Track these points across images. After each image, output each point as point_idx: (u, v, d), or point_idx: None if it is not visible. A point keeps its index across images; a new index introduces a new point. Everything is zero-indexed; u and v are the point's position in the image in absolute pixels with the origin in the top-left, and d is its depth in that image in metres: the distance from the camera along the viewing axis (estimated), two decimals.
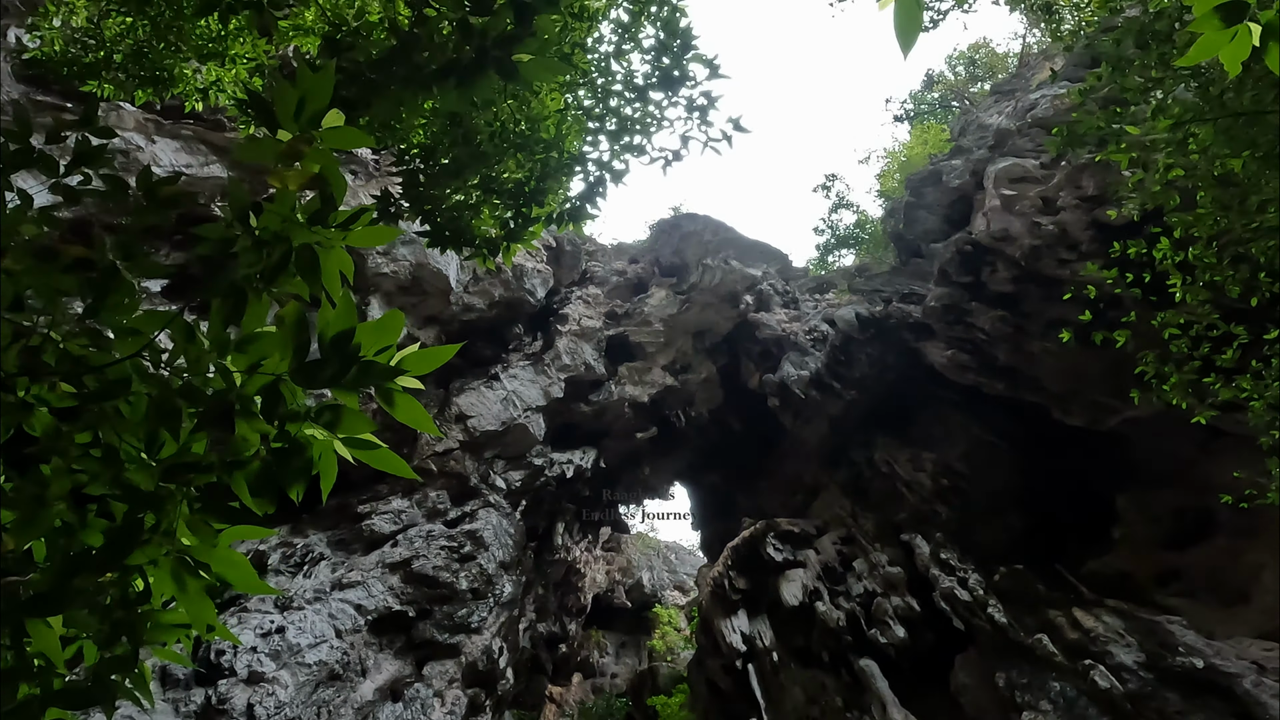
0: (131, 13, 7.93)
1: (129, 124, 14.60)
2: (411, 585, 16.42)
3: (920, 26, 1.95)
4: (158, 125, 15.03)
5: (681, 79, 6.59)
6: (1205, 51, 1.95)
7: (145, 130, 14.78)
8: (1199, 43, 1.95)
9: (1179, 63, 2.40)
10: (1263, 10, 1.92)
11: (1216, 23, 1.91)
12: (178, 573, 2.06)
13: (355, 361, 2.02)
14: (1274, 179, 5.32)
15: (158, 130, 15.05)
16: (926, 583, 15.55)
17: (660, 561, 31.96)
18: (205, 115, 15.18)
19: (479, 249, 6.90)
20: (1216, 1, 1.90)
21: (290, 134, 2.15)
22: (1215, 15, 1.90)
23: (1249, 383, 6.29)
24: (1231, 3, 1.89)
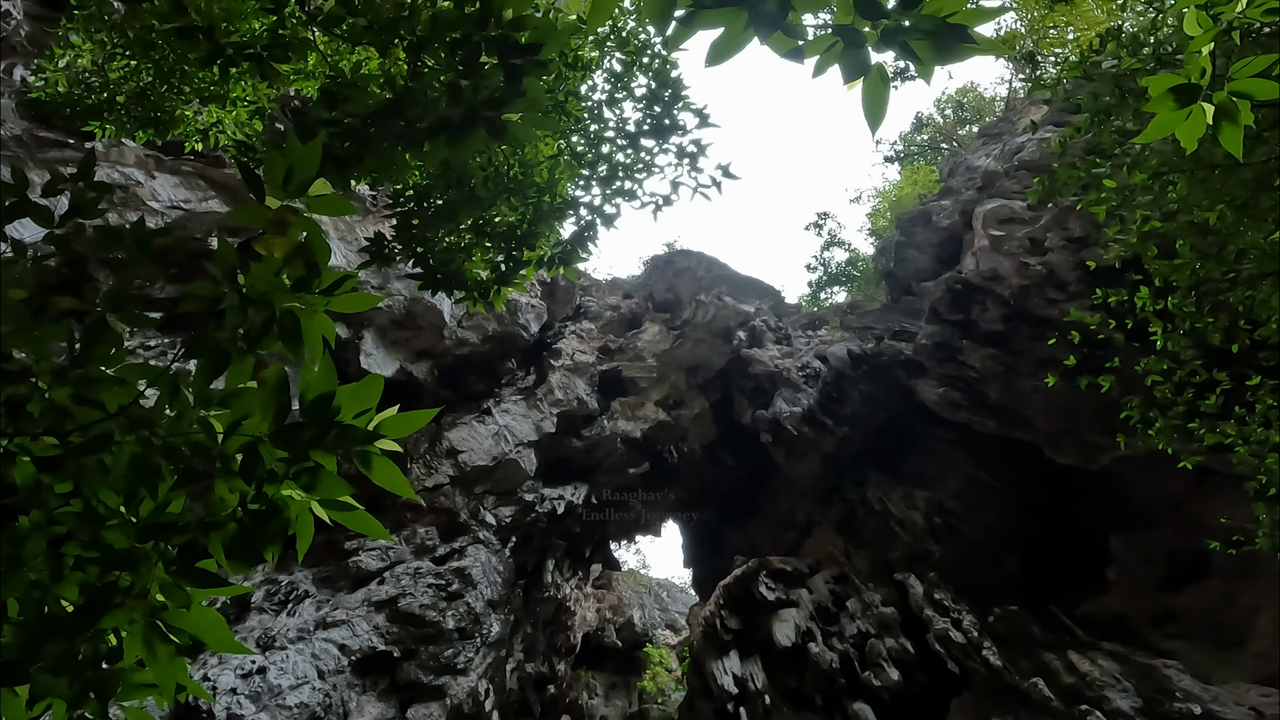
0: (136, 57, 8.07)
1: (129, 159, 14.75)
2: (397, 624, 16.14)
3: (887, 106, 2.02)
4: (158, 161, 15.19)
5: (672, 127, 6.74)
6: (1162, 130, 2.03)
7: (145, 166, 14.93)
8: (1155, 121, 2.03)
9: (1137, 140, 2.48)
10: (1215, 92, 2.00)
11: (1171, 103, 1.99)
12: (149, 638, 2.04)
13: (334, 425, 2.04)
14: (1250, 228, 5.44)
15: (158, 166, 15.20)
16: (920, 623, 15.38)
17: (652, 599, 31.50)
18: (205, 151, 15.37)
19: (470, 292, 6.96)
20: (1171, 83, 1.98)
21: (278, 201, 2.20)
22: (1170, 96, 1.98)
23: (1233, 428, 6.35)
24: (1184, 85, 1.97)
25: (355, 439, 2.04)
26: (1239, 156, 2.08)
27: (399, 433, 2.14)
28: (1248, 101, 1.98)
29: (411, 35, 4.18)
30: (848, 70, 1.96)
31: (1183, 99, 1.98)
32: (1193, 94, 1.97)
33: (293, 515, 2.18)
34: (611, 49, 7.29)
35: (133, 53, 8.14)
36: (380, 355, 19.32)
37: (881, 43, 1.99)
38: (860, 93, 2.02)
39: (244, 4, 5.72)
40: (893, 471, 18.53)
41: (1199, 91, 1.98)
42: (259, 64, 5.35)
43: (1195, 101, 1.98)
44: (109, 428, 2.53)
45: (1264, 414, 6.20)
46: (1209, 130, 2.06)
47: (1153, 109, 1.99)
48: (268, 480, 2.15)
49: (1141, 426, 6.82)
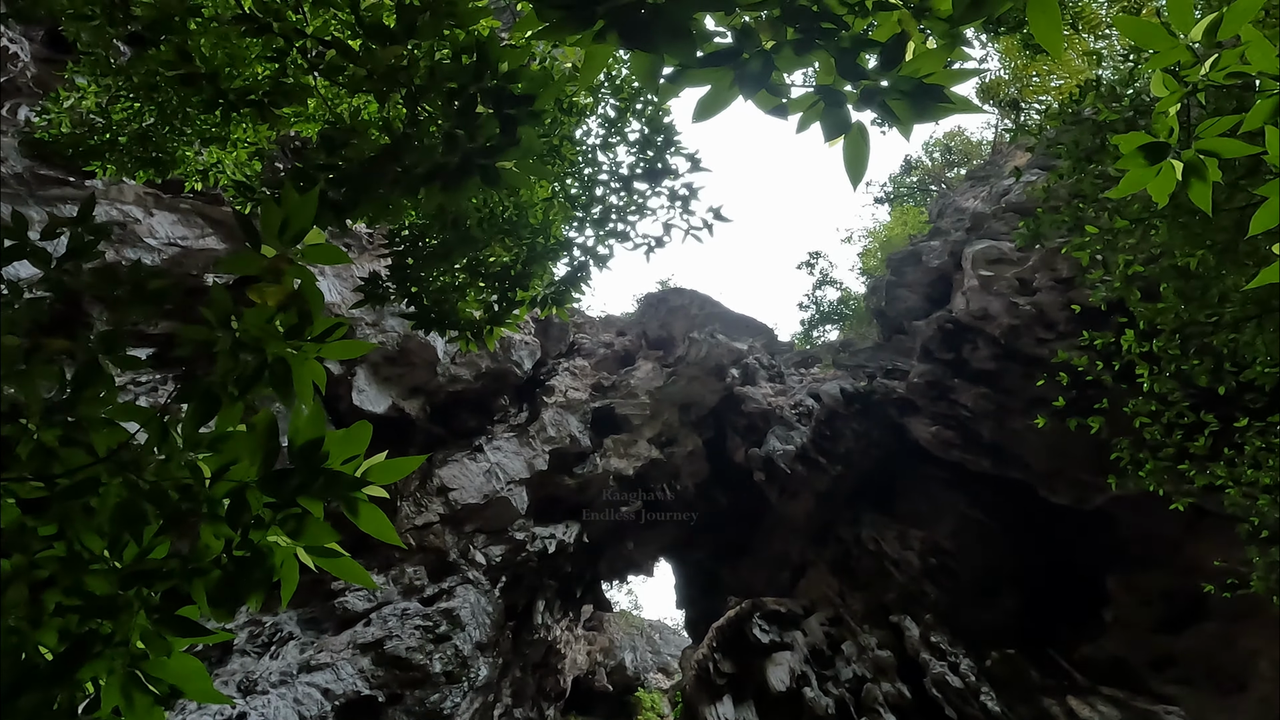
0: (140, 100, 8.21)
1: (128, 197, 14.88)
2: (383, 668, 15.78)
3: (867, 161, 2.08)
4: (156, 199, 15.33)
5: (664, 171, 6.87)
6: (1133, 186, 2.10)
7: (144, 203, 15.07)
8: (1126, 178, 2.10)
9: (1111, 195, 2.56)
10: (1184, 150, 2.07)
11: (1142, 160, 2.06)
12: (127, 687, 2.01)
13: (322, 472, 2.05)
14: (1231, 272, 5.55)
15: (156, 203, 15.34)
16: (917, 667, 15.14)
17: (644, 641, 30.90)
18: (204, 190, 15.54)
19: (463, 331, 6.99)
20: (1141, 141, 2.05)
21: (273, 250, 2.24)
22: (1140, 154, 2.06)
23: (1223, 470, 6.38)
24: (1154, 144, 2.04)
25: (343, 486, 2.05)
26: (1208, 212, 2.15)
27: (387, 479, 2.14)
28: (1215, 159, 2.05)
29: (410, 84, 4.29)
30: (829, 128, 2.03)
31: (1152, 156, 2.05)
32: (1162, 152, 2.05)
33: (278, 562, 2.17)
34: (605, 95, 7.47)
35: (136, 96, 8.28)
36: (372, 392, 19.26)
37: (861, 102, 2.07)
38: (841, 148, 2.09)
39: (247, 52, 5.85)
40: (887, 510, 18.43)
41: (1168, 150, 2.05)
42: (260, 109, 5.46)
43: (1165, 159, 2.05)
44: (96, 471, 2.52)
45: (1253, 455, 6.24)
46: (1180, 187, 2.14)
47: (1124, 166, 2.06)
48: (254, 526, 2.14)
49: (1132, 468, 6.85)
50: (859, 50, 2.15)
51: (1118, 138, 2.06)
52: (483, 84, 3.58)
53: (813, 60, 2.28)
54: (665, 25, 2.02)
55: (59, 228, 3.88)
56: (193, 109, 8.19)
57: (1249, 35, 1.99)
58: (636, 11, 2.02)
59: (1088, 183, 5.46)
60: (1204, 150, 2.04)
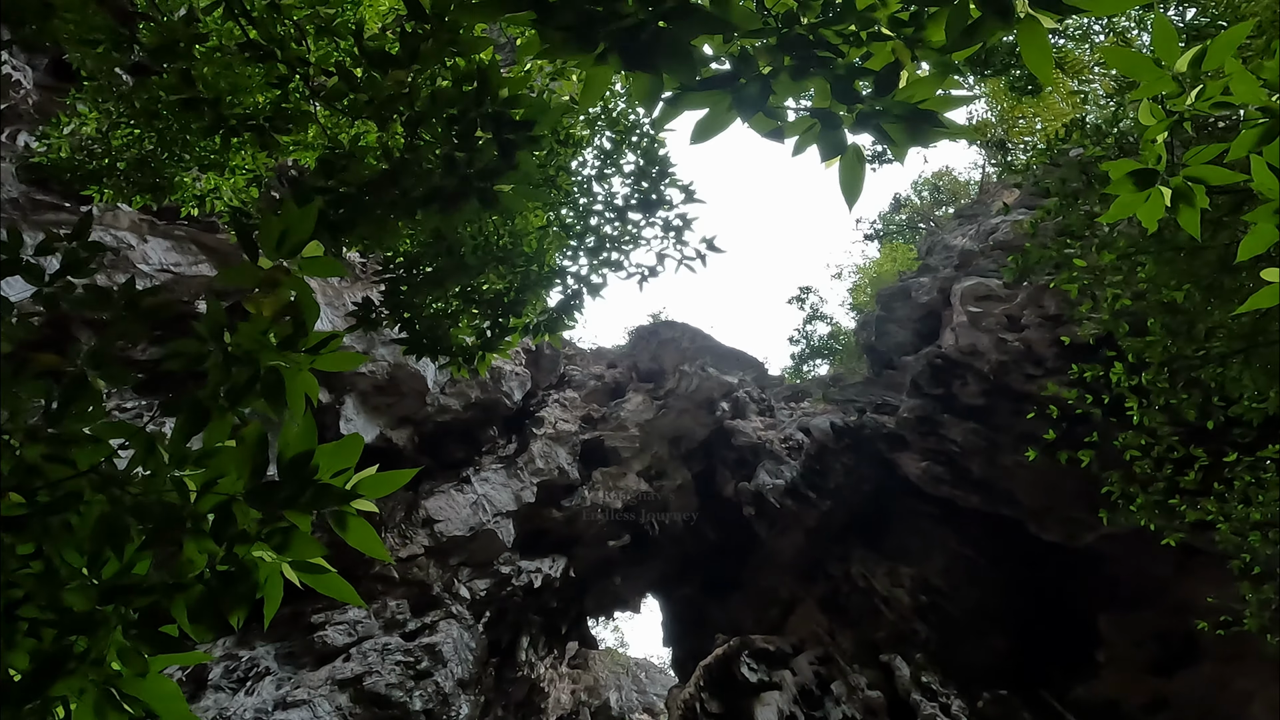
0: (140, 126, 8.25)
1: (123, 223, 14.87)
2: (361, 705, 15.35)
3: (863, 183, 2.12)
4: (151, 225, 15.31)
5: (659, 202, 6.96)
6: (1124, 211, 2.14)
7: (138, 230, 15.05)
8: (1116, 203, 2.14)
9: (1102, 219, 2.62)
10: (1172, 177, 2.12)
11: (1131, 186, 2.10)
12: (100, 706, 1.94)
13: (311, 484, 2.01)
14: (1217, 308, 5.64)
15: (151, 230, 15.32)
16: (908, 708, 14.88)
17: (629, 680, 30.24)
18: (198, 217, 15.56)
19: (455, 357, 6.98)
20: (1131, 168, 2.10)
21: (271, 262, 2.24)
22: (1130, 180, 2.10)
23: (1214, 505, 6.39)
24: (1143, 170, 2.09)
25: (332, 498, 2.01)
26: (1197, 237, 2.19)
27: (377, 493, 2.11)
28: (1202, 186, 2.10)
29: (410, 110, 4.35)
30: (825, 149, 2.07)
31: (1142, 183, 2.10)
32: (1151, 178, 2.09)
33: (262, 577, 2.12)
34: (602, 128, 7.59)
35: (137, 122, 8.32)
36: (361, 420, 19.09)
37: (857, 125, 2.11)
38: (837, 171, 2.12)
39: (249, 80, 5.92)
40: (876, 547, 18.30)
41: (1156, 176, 2.10)
42: (261, 134, 5.50)
43: (1154, 185, 2.10)
44: (79, 485, 2.47)
45: (1243, 491, 6.26)
46: (1169, 213, 2.18)
47: (1114, 191, 2.11)
48: (239, 541, 2.09)
49: (1123, 502, 6.85)
50: (854, 78, 2.20)
51: (1108, 164, 2.10)
52: (483, 109, 3.63)
53: (809, 86, 2.33)
54: (666, 48, 2.06)
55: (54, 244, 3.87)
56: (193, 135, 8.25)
57: (1232, 68, 2.05)
58: (638, 35, 2.07)
59: (1075, 217, 5.57)
60: (1191, 177, 2.09)
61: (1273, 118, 2.03)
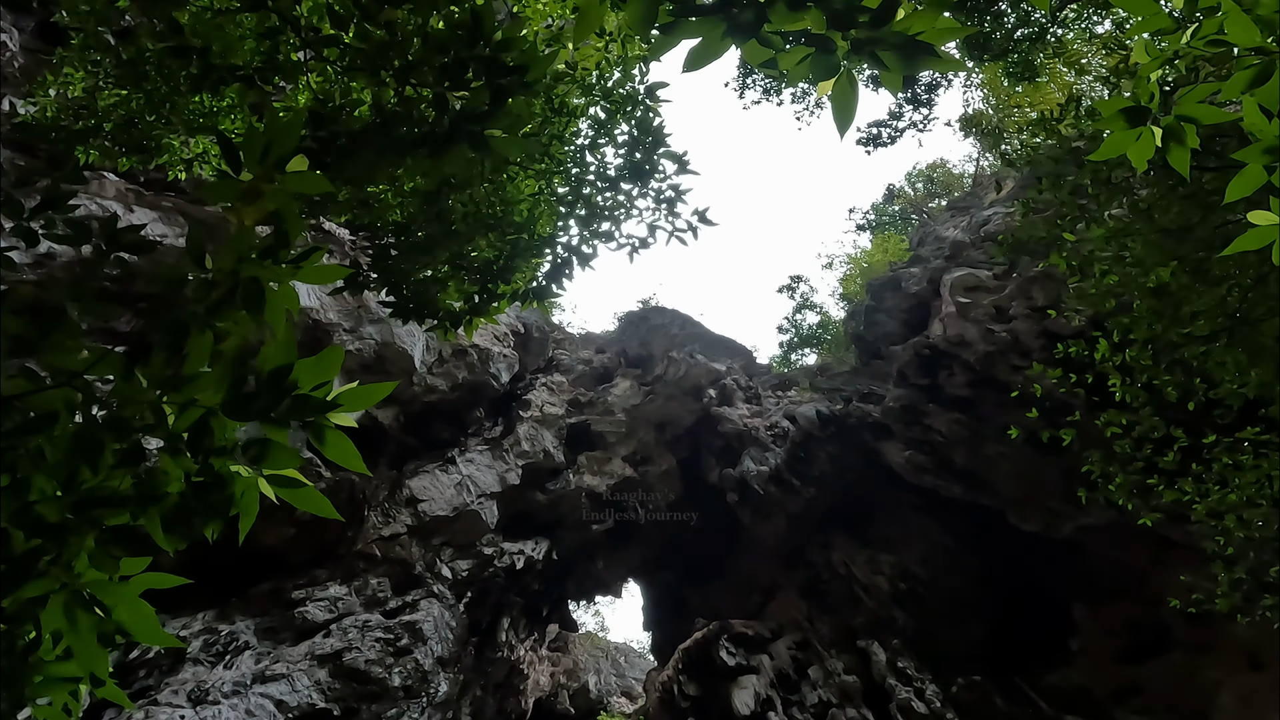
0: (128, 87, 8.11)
1: (109, 193, 14.63)
2: (340, 680, 15.31)
3: (854, 111, 2.11)
4: (138, 195, 15.07)
5: (651, 171, 6.91)
6: (1114, 149, 2.14)
7: (125, 199, 14.81)
8: (1108, 141, 2.14)
9: (1092, 158, 2.62)
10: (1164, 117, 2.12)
11: (1122, 124, 2.10)
12: (70, 607, 1.91)
13: (289, 394, 1.98)
14: (1204, 292, 5.69)
15: (138, 200, 15.08)
16: (883, 692, 15.04)
17: (608, 664, 30.38)
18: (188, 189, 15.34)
19: (442, 322, 6.93)
20: (1122, 105, 2.09)
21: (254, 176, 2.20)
22: (1121, 117, 2.10)
23: (1191, 486, 6.48)
24: (1134, 108, 2.09)
25: (310, 408, 1.98)
26: (1186, 175, 2.20)
27: (358, 406, 2.08)
28: (1193, 126, 2.10)
29: (402, 58, 4.28)
30: (819, 73, 2.05)
31: (1133, 120, 2.10)
32: (1142, 115, 2.09)
33: (239, 492, 2.09)
34: (596, 97, 7.53)
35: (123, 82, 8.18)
36: None
37: (852, 52, 2.09)
38: (830, 98, 2.11)
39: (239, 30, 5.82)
40: (858, 535, 18.43)
41: (1148, 114, 2.10)
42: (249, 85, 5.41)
43: (1145, 123, 2.10)
44: (53, 403, 2.41)
45: (1220, 473, 6.34)
46: (1177, 180, 2.19)
47: (1104, 127, 2.11)
48: (216, 454, 2.06)
49: (1102, 482, 6.92)
50: (852, 11, 2.18)
51: (1101, 102, 2.10)
52: (475, 52, 3.59)
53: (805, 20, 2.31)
54: None
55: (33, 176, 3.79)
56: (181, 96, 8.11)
57: (1227, 7, 2.05)
58: None
59: (1065, 194, 5.60)
60: (1183, 116, 2.09)
61: (1266, 58, 2.04)
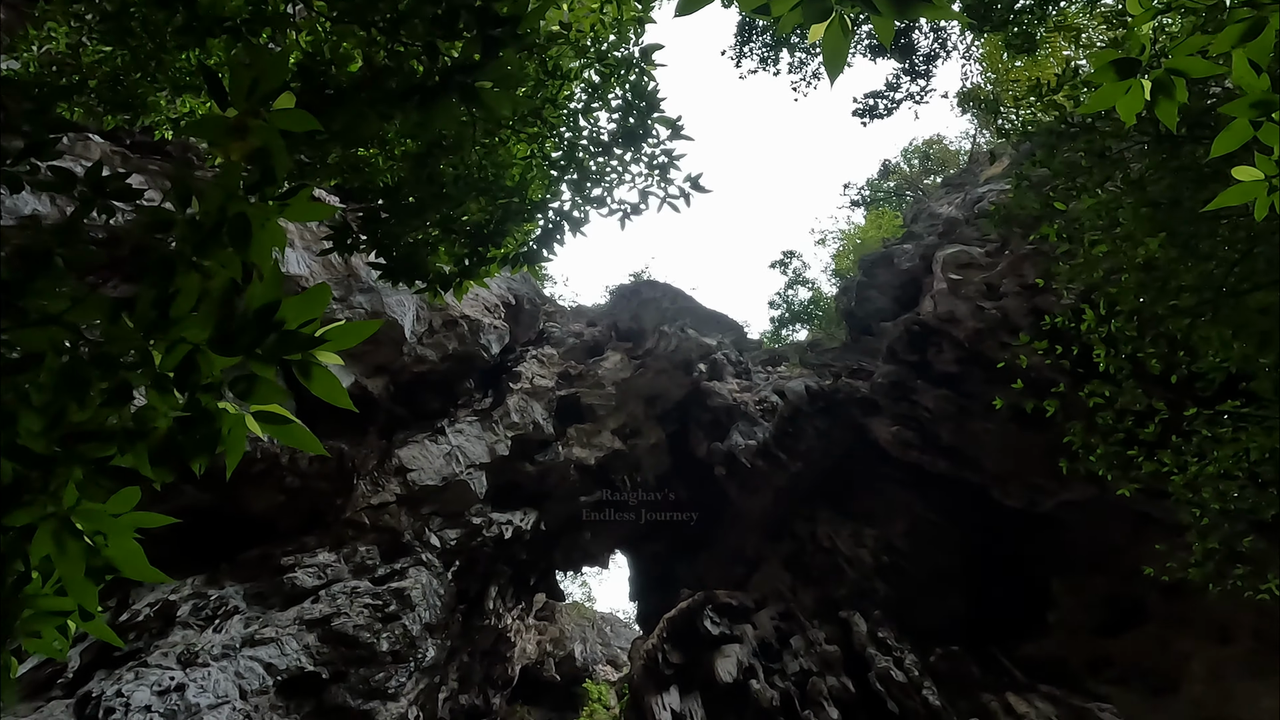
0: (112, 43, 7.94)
1: (94, 154, 14.35)
2: (329, 645, 15.47)
3: (845, 57, 2.10)
4: (124, 158, 14.79)
5: (644, 136, 6.86)
6: (1103, 101, 2.15)
7: (110, 162, 14.53)
8: (1097, 93, 2.15)
9: (1080, 110, 2.62)
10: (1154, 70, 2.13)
11: (1112, 75, 2.11)
12: (59, 534, 1.92)
13: (275, 329, 1.98)
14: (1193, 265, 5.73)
15: (124, 162, 14.81)
16: (863, 662, 15.34)
17: (594, 633, 30.82)
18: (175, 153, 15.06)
19: (432, 284, 6.91)
20: (1113, 57, 2.10)
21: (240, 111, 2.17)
22: (1111, 69, 2.10)
23: (1170, 457, 6.60)
24: (1124, 59, 2.09)
25: (297, 344, 1.98)
26: (1173, 128, 2.21)
27: (344, 344, 2.09)
28: (1183, 79, 2.11)
29: (392, 9, 4.21)
30: (810, 14, 2.04)
31: (1123, 72, 2.11)
32: (1133, 68, 2.10)
33: (226, 428, 2.10)
34: (590, 60, 7.45)
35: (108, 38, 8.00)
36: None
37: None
38: (821, 44, 2.10)
39: None
40: (843, 509, 18.66)
41: (1138, 66, 2.11)
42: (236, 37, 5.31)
43: (1135, 75, 2.10)
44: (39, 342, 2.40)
45: (1199, 445, 6.45)
46: (1168, 155, 2.20)
47: (1095, 79, 2.11)
48: (203, 390, 2.06)
49: (1083, 453, 7.03)
50: None
51: (1092, 54, 2.11)
52: (467, 1, 3.53)
53: None
54: None
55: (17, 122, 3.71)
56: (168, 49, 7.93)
57: None
58: None
59: (1057, 163, 5.60)
60: (1173, 69, 2.10)
61: (1257, 12, 2.04)
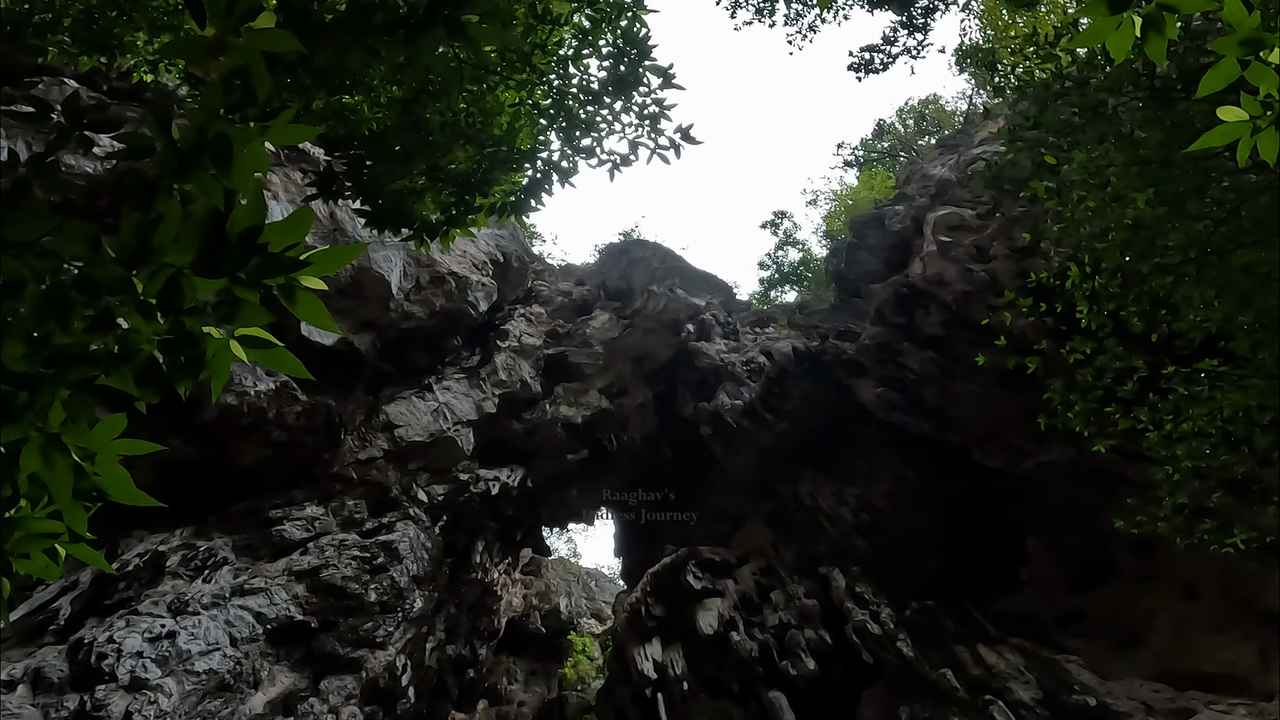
0: None
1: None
2: (317, 595, 15.68)
3: None
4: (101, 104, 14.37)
5: (635, 84, 6.74)
6: (1094, 38, 2.14)
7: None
8: (1087, 29, 2.13)
9: (1070, 45, 2.61)
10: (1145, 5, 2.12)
11: (1104, 9, 2.10)
12: (47, 450, 1.93)
13: (259, 251, 1.97)
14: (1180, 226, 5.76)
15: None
16: (841, 616, 15.77)
17: (579, 588, 31.42)
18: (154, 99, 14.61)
19: (418, 233, 6.84)
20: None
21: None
22: (1102, 3, 2.09)
23: (1146, 415, 6.73)
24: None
25: (280, 266, 1.98)
26: (1161, 64, 2.21)
27: (328, 269, 2.08)
28: (1174, 15, 2.10)
29: None
30: None
31: (1115, 6, 2.09)
32: (1124, 3, 2.09)
33: (210, 352, 2.10)
34: (581, 4, 7.27)
35: None
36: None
37: None
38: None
39: None
40: (826, 468, 18.95)
41: (1130, 1, 2.09)
42: None
43: (1126, 10, 2.09)
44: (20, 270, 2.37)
45: (1175, 403, 6.58)
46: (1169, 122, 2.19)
47: (1086, 14, 2.10)
48: (186, 313, 2.06)
49: (1061, 409, 7.16)
50: None
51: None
52: None
53: None
54: None
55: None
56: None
57: None
58: None
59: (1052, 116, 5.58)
60: (1164, 5, 2.09)
61: None
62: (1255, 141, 2.19)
